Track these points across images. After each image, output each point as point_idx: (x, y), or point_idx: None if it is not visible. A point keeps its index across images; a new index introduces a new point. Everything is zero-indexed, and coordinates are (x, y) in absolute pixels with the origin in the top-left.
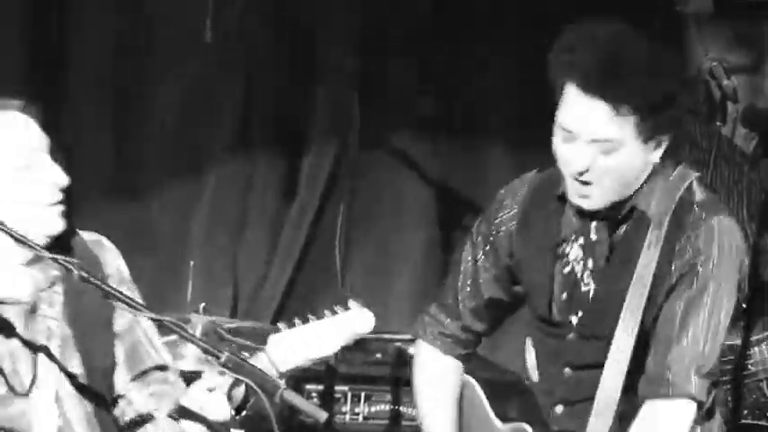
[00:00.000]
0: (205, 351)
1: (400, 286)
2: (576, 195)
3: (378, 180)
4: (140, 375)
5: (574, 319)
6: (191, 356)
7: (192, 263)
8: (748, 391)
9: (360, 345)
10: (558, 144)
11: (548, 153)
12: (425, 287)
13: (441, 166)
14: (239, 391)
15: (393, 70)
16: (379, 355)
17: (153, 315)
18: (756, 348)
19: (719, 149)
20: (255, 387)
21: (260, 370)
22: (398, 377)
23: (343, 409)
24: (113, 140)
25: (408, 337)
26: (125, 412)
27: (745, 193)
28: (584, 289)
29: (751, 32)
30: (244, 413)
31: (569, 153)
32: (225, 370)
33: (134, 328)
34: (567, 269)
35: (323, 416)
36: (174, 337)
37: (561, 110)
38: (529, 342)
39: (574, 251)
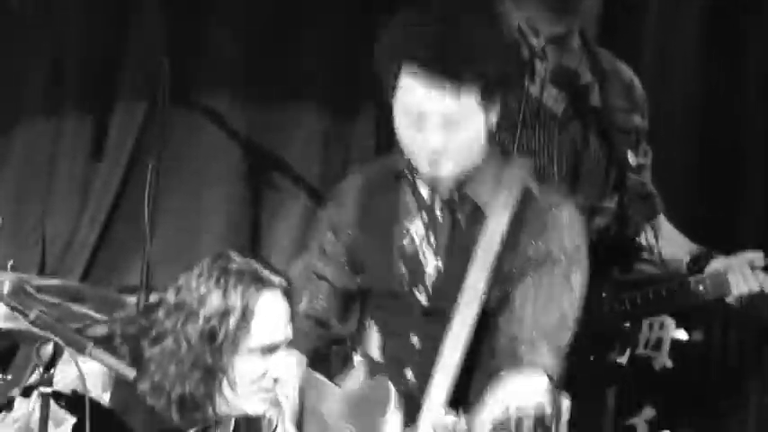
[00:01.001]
0: (13, 309)
1: (209, 242)
2: (429, 167)
3: (187, 138)
4: None
5: (419, 296)
6: None
7: None
8: None
9: None
10: (404, 130)
11: (354, 112)
12: (234, 243)
13: (249, 123)
14: (47, 350)
15: (203, 29)
16: None
17: None
18: None
19: (528, 109)
20: (63, 344)
21: (69, 328)
22: None
23: None
24: None
25: None
26: None
27: (556, 154)
28: (427, 265)
29: (565, 3)
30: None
31: (420, 136)
32: (34, 327)
33: None
34: (409, 244)
35: (131, 374)
36: None
37: (401, 96)
38: (371, 323)
39: (415, 227)
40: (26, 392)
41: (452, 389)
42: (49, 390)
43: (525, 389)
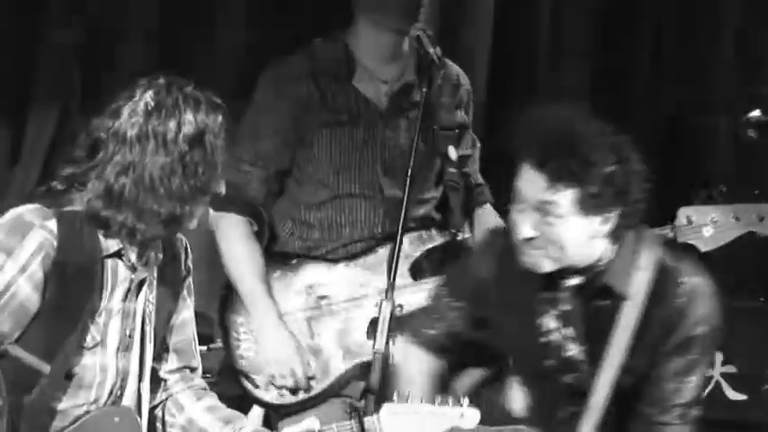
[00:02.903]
0: None
1: None
2: (526, 260)
3: None
4: (182, 370)
5: (566, 379)
6: None
7: None
8: None
9: None
10: (513, 212)
11: None
12: None
13: None
14: None
15: (116, 38)
16: None
17: None
18: None
19: (426, 114)
20: None
21: None
22: None
23: None
24: None
25: None
26: (173, 414)
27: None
28: (569, 354)
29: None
30: None
31: (518, 218)
32: None
33: (188, 325)
34: (546, 340)
35: (46, 368)
36: None
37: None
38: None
39: (549, 322)
40: None
41: None
42: None
43: None
